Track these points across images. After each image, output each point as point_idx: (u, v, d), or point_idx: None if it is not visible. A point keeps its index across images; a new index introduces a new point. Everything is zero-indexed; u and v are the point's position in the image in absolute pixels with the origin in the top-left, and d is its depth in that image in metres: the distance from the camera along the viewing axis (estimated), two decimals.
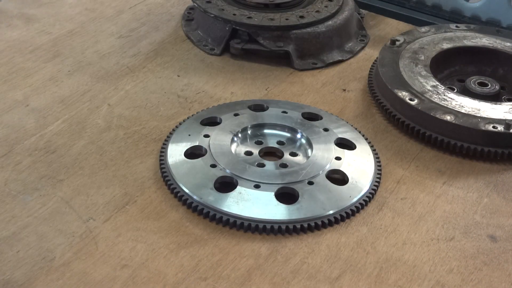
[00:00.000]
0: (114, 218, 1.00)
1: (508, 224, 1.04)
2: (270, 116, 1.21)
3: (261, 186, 1.05)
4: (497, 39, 1.41)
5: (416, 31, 1.44)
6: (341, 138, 1.17)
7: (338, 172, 1.10)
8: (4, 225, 0.98)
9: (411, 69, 1.30)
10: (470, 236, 1.02)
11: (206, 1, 1.48)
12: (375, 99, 1.30)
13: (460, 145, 1.17)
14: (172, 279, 0.92)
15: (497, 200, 1.09)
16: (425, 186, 1.11)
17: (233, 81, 1.36)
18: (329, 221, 1.01)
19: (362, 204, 1.05)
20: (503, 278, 0.95)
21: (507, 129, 1.15)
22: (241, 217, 1.00)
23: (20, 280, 0.90)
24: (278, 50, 1.40)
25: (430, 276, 0.95)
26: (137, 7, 1.62)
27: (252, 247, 0.98)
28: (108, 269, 0.92)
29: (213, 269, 0.94)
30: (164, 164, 1.10)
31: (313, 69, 1.41)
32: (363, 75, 1.40)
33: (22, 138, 1.17)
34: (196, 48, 1.47)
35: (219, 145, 1.12)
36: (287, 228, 1.00)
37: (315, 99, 1.31)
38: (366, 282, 0.93)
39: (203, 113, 1.22)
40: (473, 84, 1.30)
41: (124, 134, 1.19)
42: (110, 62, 1.40)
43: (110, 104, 1.26)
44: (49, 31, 1.50)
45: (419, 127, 1.20)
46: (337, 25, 1.46)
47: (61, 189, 1.06)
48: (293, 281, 0.93)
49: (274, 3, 1.49)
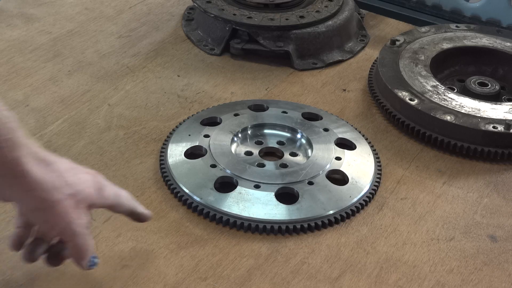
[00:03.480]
0: (114, 218, 1.00)
1: (508, 224, 1.04)
2: (270, 116, 1.21)
3: (261, 186, 1.05)
4: (497, 39, 1.41)
5: (416, 31, 1.44)
6: (341, 138, 1.17)
7: (338, 172, 1.10)
8: (4, 225, 0.98)
9: (411, 69, 1.30)
10: (470, 236, 1.02)
11: (206, 1, 1.48)
12: (375, 99, 1.30)
13: (460, 145, 1.17)
14: (172, 279, 0.92)
15: (497, 200, 1.09)
16: (425, 186, 1.11)
17: (233, 81, 1.36)
18: (329, 221, 1.01)
19: (362, 204, 1.05)
20: (503, 278, 0.95)
21: (507, 129, 1.15)
22: (241, 217, 1.00)
23: (20, 280, 0.90)
24: (278, 50, 1.40)
25: (430, 276, 0.95)
26: (137, 7, 1.62)
27: (252, 247, 0.98)
28: (108, 269, 0.92)
29: (213, 269, 0.94)
30: (164, 164, 1.10)
31: (313, 69, 1.42)
32: (363, 75, 1.40)
33: None
34: (196, 48, 1.47)
35: (219, 145, 1.12)
36: (287, 228, 1.00)
37: (315, 99, 1.31)
38: (366, 282, 0.93)
39: (203, 113, 1.22)
40: (473, 84, 1.30)
41: (124, 134, 1.19)
42: (110, 62, 1.40)
43: (110, 104, 1.26)
44: (49, 31, 1.50)
45: (419, 127, 1.20)
46: (337, 25, 1.46)
47: None
48: (293, 281, 0.93)
49: (274, 3, 1.49)
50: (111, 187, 0.87)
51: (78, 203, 0.80)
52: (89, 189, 0.82)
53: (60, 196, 0.78)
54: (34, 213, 0.79)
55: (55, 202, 0.78)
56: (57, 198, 0.78)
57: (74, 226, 0.80)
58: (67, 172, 0.80)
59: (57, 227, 0.80)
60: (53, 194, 0.77)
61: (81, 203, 0.81)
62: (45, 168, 0.77)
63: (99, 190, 0.84)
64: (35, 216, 0.80)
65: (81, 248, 0.82)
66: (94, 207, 0.84)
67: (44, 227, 0.81)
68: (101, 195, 0.84)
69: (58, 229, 0.80)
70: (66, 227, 0.80)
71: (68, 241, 0.82)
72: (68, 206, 0.79)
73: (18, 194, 0.77)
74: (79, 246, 0.82)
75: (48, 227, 0.80)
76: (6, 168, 0.74)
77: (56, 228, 0.80)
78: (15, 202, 0.79)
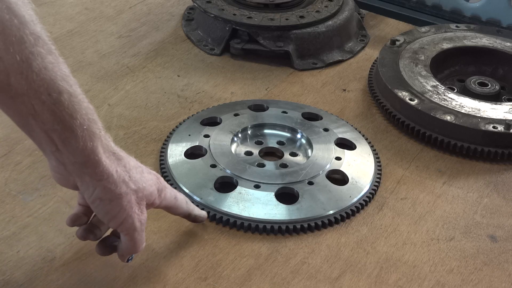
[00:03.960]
0: None
1: (508, 224, 1.04)
2: (270, 116, 1.21)
3: (261, 186, 1.05)
4: (497, 39, 1.41)
5: (416, 31, 1.44)
6: (341, 138, 1.17)
7: (338, 172, 1.10)
8: (4, 225, 0.98)
9: (411, 69, 1.30)
10: (470, 236, 1.02)
11: (206, 1, 1.48)
12: (375, 99, 1.30)
13: (460, 145, 1.17)
14: (172, 279, 0.92)
15: (497, 200, 1.09)
16: (425, 186, 1.11)
17: (233, 81, 1.36)
18: (329, 221, 1.01)
19: (362, 204, 1.05)
20: (503, 278, 0.95)
21: (507, 129, 1.15)
22: (241, 217, 1.00)
23: (20, 280, 0.90)
24: (278, 50, 1.40)
25: (430, 276, 0.95)
26: (137, 7, 1.62)
27: (252, 247, 0.98)
28: (108, 269, 0.92)
29: (213, 269, 0.94)
30: (164, 164, 1.10)
31: (313, 69, 1.42)
32: (363, 75, 1.40)
33: (22, 138, 1.16)
34: (196, 48, 1.47)
35: (219, 145, 1.12)
36: (287, 228, 1.00)
37: (315, 99, 1.31)
38: (366, 282, 0.93)
39: (203, 113, 1.22)
40: (473, 84, 1.30)
41: (124, 134, 1.19)
42: (110, 62, 1.40)
43: (110, 104, 1.26)
44: (49, 31, 1.47)
45: (419, 127, 1.20)
46: (337, 25, 1.46)
47: (61, 189, 1.05)
48: (293, 281, 0.93)
49: (274, 3, 1.49)
50: (171, 189, 0.91)
51: (140, 199, 0.84)
52: (151, 188, 0.85)
53: (126, 190, 0.81)
54: (98, 203, 0.81)
55: (121, 195, 0.81)
56: (124, 191, 0.81)
57: (135, 221, 0.83)
58: (134, 169, 0.83)
59: (117, 219, 0.82)
60: (121, 187, 0.81)
61: (143, 200, 0.84)
62: (116, 161, 0.81)
63: (160, 191, 0.88)
64: (99, 205, 0.81)
65: (136, 242, 0.85)
66: (152, 206, 0.88)
67: (104, 217, 0.83)
68: (161, 196, 0.88)
69: (118, 221, 0.83)
70: (127, 220, 0.83)
71: (125, 234, 0.85)
72: (132, 201, 0.82)
73: (87, 183, 0.80)
74: (135, 241, 0.85)
75: (109, 217, 0.82)
76: (83, 156, 0.77)
77: (116, 220, 0.82)
78: (82, 190, 0.81)
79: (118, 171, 0.80)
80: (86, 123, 0.76)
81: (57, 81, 0.73)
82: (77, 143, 0.76)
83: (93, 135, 0.77)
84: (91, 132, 0.76)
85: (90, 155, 0.77)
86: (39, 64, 0.72)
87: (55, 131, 0.74)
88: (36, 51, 0.72)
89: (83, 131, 0.75)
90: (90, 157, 0.77)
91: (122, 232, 0.85)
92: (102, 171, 0.79)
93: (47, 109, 0.73)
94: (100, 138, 0.78)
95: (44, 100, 0.72)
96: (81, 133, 0.75)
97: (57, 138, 0.75)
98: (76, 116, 0.75)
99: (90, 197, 0.81)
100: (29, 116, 0.73)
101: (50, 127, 0.74)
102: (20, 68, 0.70)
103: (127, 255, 0.88)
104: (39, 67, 0.72)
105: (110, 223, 0.84)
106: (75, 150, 0.76)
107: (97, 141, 0.77)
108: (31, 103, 0.72)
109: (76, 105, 0.75)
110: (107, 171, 0.79)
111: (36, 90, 0.71)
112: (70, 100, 0.74)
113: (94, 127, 0.77)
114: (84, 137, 0.76)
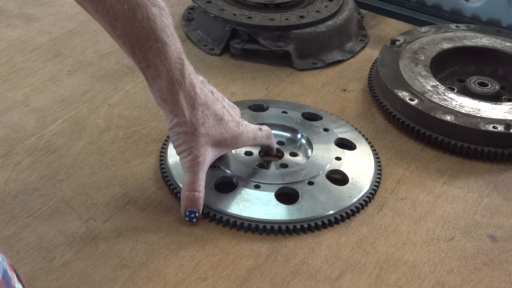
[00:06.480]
0: (114, 218, 1.00)
1: (508, 224, 1.04)
2: (270, 116, 1.21)
3: (261, 186, 1.05)
4: (497, 39, 1.41)
5: (416, 31, 1.44)
6: (341, 138, 1.17)
7: (338, 172, 1.10)
8: (4, 225, 0.98)
9: (411, 69, 1.30)
10: (470, 236, 1.02)
11: (206, 1, 1.48)
12: (375, 99, 1.30)
13: (460, 145, 1.17)
14: (172, 279, 0.92)
15: (497, 200, 1.09)
16: (425, 186, 1.11)
17: (233, 81, 1.36)
18: (329, 221, 1.01)
19: (362, 204, 1.05)
20: (503, 278, 0.95)
21: (507, 129, 1.15)
22: (241, 217, 1.00)
23: None
24: (278, 50, 1.40)
25: (430, 276, 0.95)
26: None
27: (252, 247, 0.98)
28: (108, 269, 0.92)
29: (213, 269, 0.94)
30: (164, 164, 1.10)
31: (313, 69, 1.42)
32: (363, 75, 1.40)
33: (22, 138, 1.17)
34: (196, 48, 1.47)
35: None
36: (287, 228, 1.00)
37: (315, 99, 1.31)
38: (366, 282, 0.93)
39: None
40: (473, 84, 1.30)
41: (124, 134, 1.19)
42: (110, 62, 1.40)
43: (110, 104, 1.26)
44: (49, 31, 1.50)
45: (419, 127, 1.20)
46: (337, 25, 1.46)
47: (61, 189, 1.06)
48: (293, 281, 0.93)
49: (274, 3, 1.49)
50: (248, 133, 1.05)
51: (211, 143, 0.99)
52: (222, 136, 1.00)
53: (194, 131, 0.96)
54: (172, 132, 0.97)
55: (189, 133, 0.95)
56: (191, 131, 0.96)
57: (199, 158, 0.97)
58: (212, 117, 0.98)
59: (181, 149, 0.98)
60: (189, 127, 0.95)
61: (210, 144, 0.99)
62: (195, 107, 0.95)
63: (236, 138, 1.03)
64: (172, 134, 0.97)
65: (196, 181, 0.98)
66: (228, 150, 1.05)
67: (174, 145, 0.99)
68: (238, 143, 1.04)
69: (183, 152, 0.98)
70: (190, 154, 0.97)
71: (187, 169, 0.98)
72: (200, 142, 0.97)
73: (167, 114, 0.96)
74: (195, 178, 0.97)
75: (176, 145, 0.98)
76: (165, 94, 0.93)
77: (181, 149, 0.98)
78: (165, 116, 0.97)
79: (192, 113, 0.94)
80: (173, 70, 0.91)
81: (156, 30, 0.88)
82: (161, 84, 0.92)
83: (176, 82, 0.92)
84: (175, 79, 0.92)
85: (170, 96, 0.93)
86: (143, 14, 0.87)
87: (147, 69, 0.92)
88: (142, 3, 0.87)
89: (168, 76, 0.91)
90: (170, 97, 0.93)
91: (184, 166, 0.98)
92: (177, 110, 0.94)
93: (143, 52, 0.90)
94: (184, 85, 0.93)
95: (142, 44, 0.89)
96: (166, 77, 0.91)
97: (149, 75, 0.92)
98: (165, 63, 0.90)
99: (168, 125, 0.96)
100: (129, 53, 0.91)
101: (144, 66, 0.91)
102: (126, 15, 0.86)
103: (186, 192, 0.98)
104: (142, 16, 0.87)
105: (178, 153, 0.98)
106: (160, 88, 0.93)
107: (178, 86, 0.92)
108: (131, 44, 0.89)
109: (168, 54, 0.90)
110: (182, 112, 0.94)
111: (137, 35, 0.88)
112: (164, 49, 0.90)
113: (178, 75, 0.92)
114: (168, 81, 0.92)
